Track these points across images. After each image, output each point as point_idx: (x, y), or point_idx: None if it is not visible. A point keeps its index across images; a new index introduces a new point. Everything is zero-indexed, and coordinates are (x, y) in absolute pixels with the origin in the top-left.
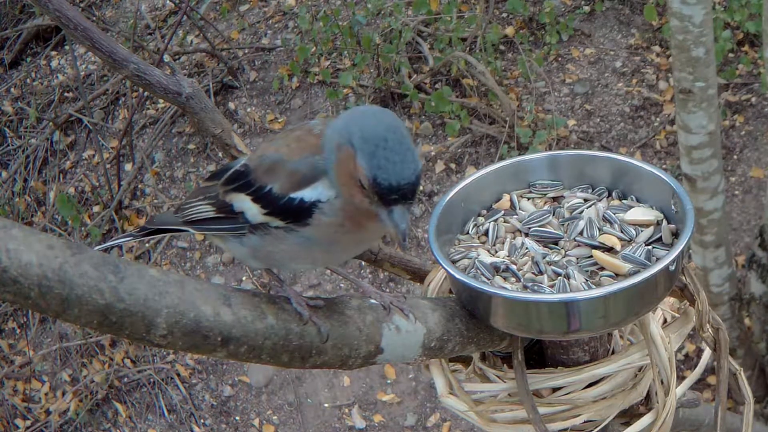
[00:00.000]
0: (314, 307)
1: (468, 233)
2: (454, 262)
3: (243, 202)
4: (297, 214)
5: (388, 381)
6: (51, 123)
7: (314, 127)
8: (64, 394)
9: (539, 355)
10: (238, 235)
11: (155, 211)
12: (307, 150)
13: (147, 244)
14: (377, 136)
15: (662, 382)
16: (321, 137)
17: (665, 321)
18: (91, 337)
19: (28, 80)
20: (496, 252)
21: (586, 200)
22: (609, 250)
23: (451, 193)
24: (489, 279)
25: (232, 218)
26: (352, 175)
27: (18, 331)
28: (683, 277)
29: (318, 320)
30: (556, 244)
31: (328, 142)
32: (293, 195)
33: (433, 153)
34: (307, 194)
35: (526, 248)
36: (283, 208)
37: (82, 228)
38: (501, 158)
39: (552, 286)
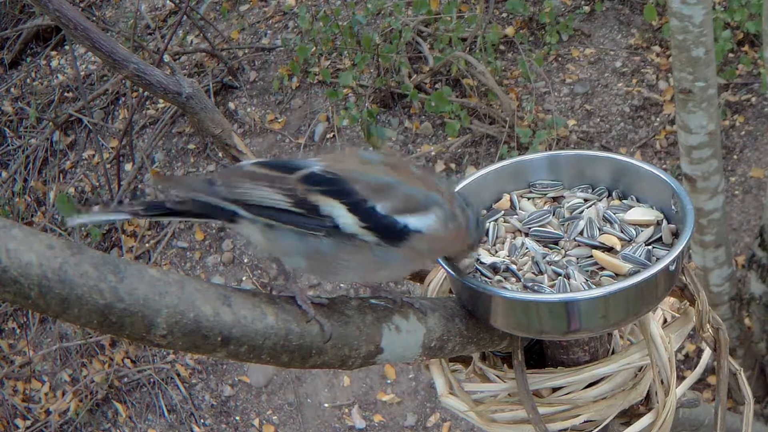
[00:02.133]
0: (318, 305)
1: None
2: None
3: (334, 209)
4: (396, 236)
5: (388, 381)
6: (51, 123)
7: (434, 179)
8: (64, 394)
9: (539, 355)
10: (303, 234)
11: None
12: (431, 190)
13: (147, 244)
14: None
15: (662, 382)
16: (452, 199)
17: (665, 321)
18: (91, 337)
19: (28, 80)
20: (496, 252)
21: (586, 200)
22: (609, 250)
23: None
24: (489, 279)
25: (315, 218)
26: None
27: (18, 331)
28: (683, 277)
29: (322, 319)
30: (556, 244)
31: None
32: (399, 219)
33: (433, 153)
34: (413, 222)
35: (526, 248)
36: (384, 227)
37: (82, 228)
38: (501, 158)
39: (552, 286)
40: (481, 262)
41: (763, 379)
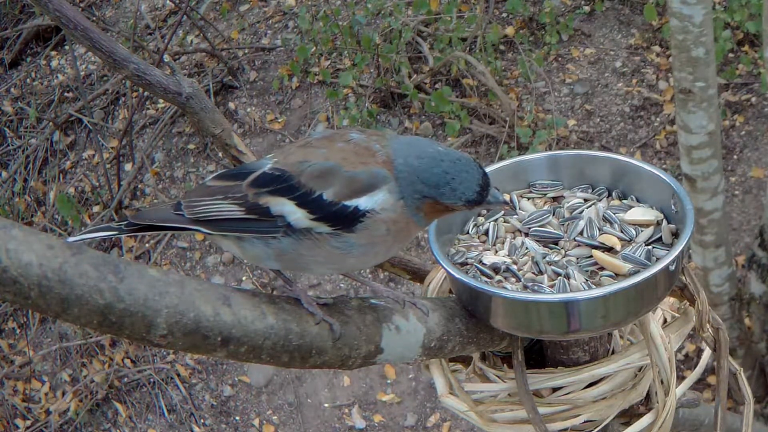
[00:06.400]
0: (324, 305)
1: (468, 233)
2: (453, 262)
3: (283, 206)
4: (348, 221)
5: (388, 381)
6: (51, 123)
7: (371, 145)
8: (64, 394)
9: (539, 355)
10: (264, 238)
11: None
12: (371, 165)
13: (147, 244)
14: (440, 176)
15: (662, 382)
16: (391, 164)
17: (665, 321)
18: (91, 337)
19: (28, 80)
20: (496, 252)
21: (586, 200)
22: (609, 250)
23: None
24: (489, 279)
25: (266, 221)
26: (446, 212)
27: (18, 331)
28: (683, 277)
29: (330, 319)
30: (556, 244)
31: (405, 183)
32: (347, 203)
33: None
34: (363, 202)
35: (526, 248)
36: (334, 215)
37: (82, 228)
38: (501, 158)
39: (552, 286)
40: (482, 262)
41: (763, 379)
